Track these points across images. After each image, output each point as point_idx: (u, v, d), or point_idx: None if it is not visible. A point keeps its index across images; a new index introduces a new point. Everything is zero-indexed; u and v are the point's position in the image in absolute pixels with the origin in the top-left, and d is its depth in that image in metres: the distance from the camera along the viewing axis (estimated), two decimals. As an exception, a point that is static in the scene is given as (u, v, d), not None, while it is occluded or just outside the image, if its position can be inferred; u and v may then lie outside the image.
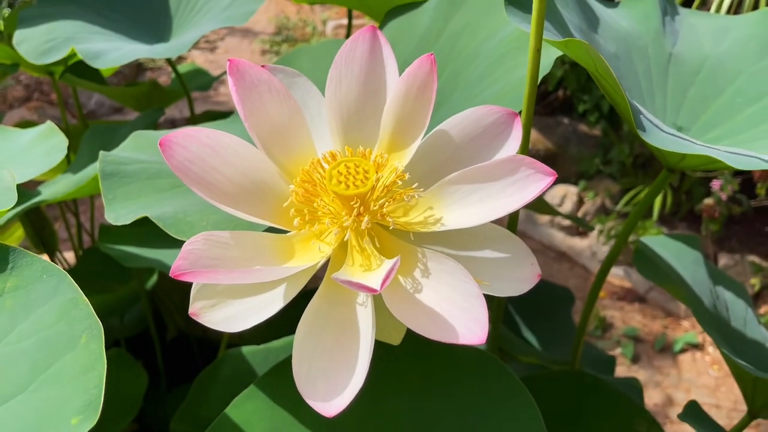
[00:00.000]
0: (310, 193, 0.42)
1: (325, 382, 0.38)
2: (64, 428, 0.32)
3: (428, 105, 0.42)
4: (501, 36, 0.62)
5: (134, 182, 0.59)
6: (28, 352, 0.36)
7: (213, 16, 0.97)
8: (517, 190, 0.40)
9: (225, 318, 0.40)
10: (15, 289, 0.38)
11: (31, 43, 0.92)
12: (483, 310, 0.36)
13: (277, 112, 0.44)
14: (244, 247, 0.40)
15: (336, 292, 0.41)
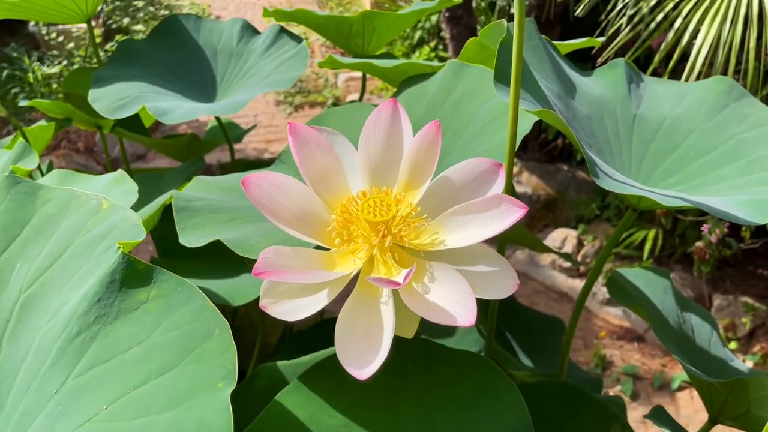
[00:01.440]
0: (347, 220, 0.57)
1: (358, 358, 0.52)
2: (213, 390, 0.46)
3: (434, 158, 0.58)
4: (492, 103, 0.78)
5: (200, 215, 0.74)
6: (175, 341, 0.50)
7: (258, 80, 1.14)
8: (500, 219, 0.54)
9: (284, 311, 0.54)
10: (157, 297, 0.53)
11: (104, 101, 1.08)
12: (473, 304, 0.50)
13: (322, 161, 0.60)
14: (300, 258, 0.55)
15: (365, 294, 0.55)
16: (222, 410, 0.45)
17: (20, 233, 0.64)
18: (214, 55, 1.26)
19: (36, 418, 0.52)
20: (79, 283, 0.58)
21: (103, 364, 0.51)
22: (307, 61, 1.12)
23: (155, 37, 1.28)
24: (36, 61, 4.56)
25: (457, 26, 3.15)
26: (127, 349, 0.51)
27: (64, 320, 0.55)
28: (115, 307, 0.53)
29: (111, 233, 0.61)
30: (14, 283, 0.61)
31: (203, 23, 1.32)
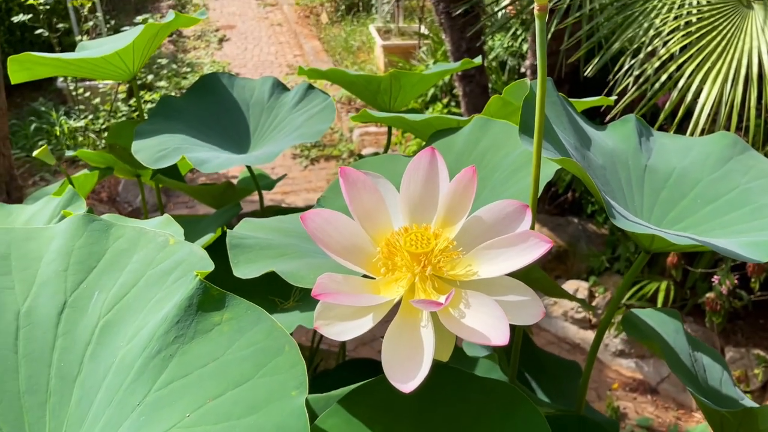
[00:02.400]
0: (391, 252, 0.64)
1: (402, 374, 0.58)
2: (287, 398, 0.52)
3: (470, 198, 0.65)
4: (516, 154, 0.86)
5: (252, 252, 0.81)
6: (249, 357, 0.57)
7: (288, 133, 1.23)
8: (529, 252, 0.62)
9: (335, 332, 0.61)
10: (230, 320, 0.60)
11: (147, 152, 1.17)
12: (506, 326, 0.57)
13: (368, 200, 0.68)
14: (350, 284, 0.62)
15: (407, 319, 0.62)
16: (299, 414, 0.51)
17: (96, 265, 0.72)
18: (248, 109, 1.36)
19: (119, 428, 0.59)
20: (156, 309, 0.65)
21: (183, 378, 0.58)
22: (333, 115, 1.21)
23: (193, 93, 1.38)
24: (63, 115, 4.73)
25: (469, 84, 3.28)
26: (205, 364, 0.58)
27: (144, 341, 0.62)
28: (192, 328, 0.61)
29: (180, 266, 0.69)
30: (93, 310, 0.68)
31: (237, 81, 1.43)
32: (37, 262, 0.72)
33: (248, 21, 8.29)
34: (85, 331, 0.67)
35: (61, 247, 0.73)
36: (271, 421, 0.52)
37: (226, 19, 8.19)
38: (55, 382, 0.65)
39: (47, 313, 0.68)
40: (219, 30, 7.78)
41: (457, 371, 0.79)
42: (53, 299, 0.69)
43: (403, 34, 6.34)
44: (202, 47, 7.09)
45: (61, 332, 0.67)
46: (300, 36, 7.45)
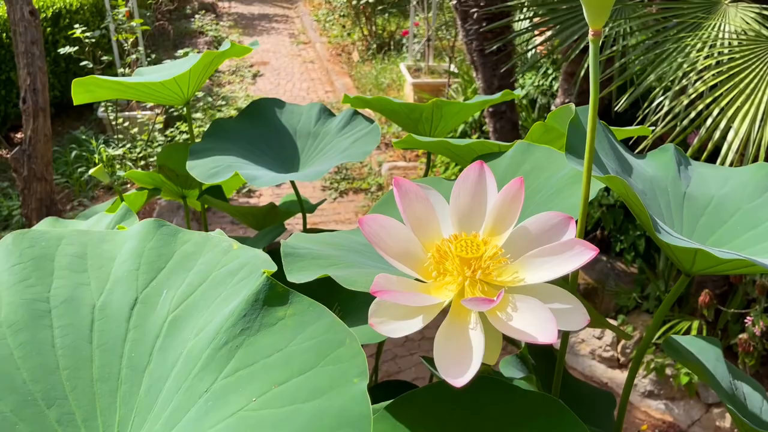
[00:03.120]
0: (442, 257, 0.69)
1: (453, 372, 0.62)
2: (350, 384, 0.56)
3: (518, 208, 0.70)
4: (559, 176, 0.91)
5: (304, 260, 0.86)
6: (312, 348, 0.60)
7: (334, 154, 1.29)
8: (575, 260, 0.65)
9: (388, 330, 0.65)
10: (293, 315, 0.64)
11: (200, 168, 1.24)
12: (554, 327, 0.61)
13: (420, 209, 0.72)
14: (403, 285, 0.66)
15: (456, 321, 0.66)
16: (361, 399, 0.55)
17: (165, 266, 0.77)
18: (295, 133, 1.43)
19: (187, 412, 0.63)
20: (222, 305, 0.70)
21: (249, 367, 0.62)
22: (378, 138, 1.27)
23: (244, 116, 1.45)
24: (102, 144, 4.89)
25: (500, 120, 3.34)
26: (270, 354, 0.62)
27: (211, 334, 0.67)
28: (258, 322, 0.65)
29: (244, 268, 0.74)
30: (162, 306, 0.73)
31: (286, 106, 1.50)
32: (111, 262, 0.78)
33: (281, 58, 8.51)
34: (154, 325, 0.72)
35: (133, 249, 0.78)
36: (335, 405, 0.56)
37: (260, 55, 8.42)
38: (126, 372, 0.69)
39: (120, 308, 0.73)
40: (253, 66, 8.00)
41: (501, 382, 0.82)
42: (125, 295, 0.74)
43: (433, 73, 6.46)
44: (237, 82, 7.29)
45: (132, 326, 0.72)
46: (331, 73, 7.62)
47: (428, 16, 6.55)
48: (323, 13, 10.07)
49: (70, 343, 0.71)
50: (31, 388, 0.67)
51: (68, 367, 0.69)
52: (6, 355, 0.69)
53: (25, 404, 0.66)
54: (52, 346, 0.70)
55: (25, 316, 0.71)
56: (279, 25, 10.14)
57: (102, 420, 0.67)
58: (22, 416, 0.66)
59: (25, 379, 0.68)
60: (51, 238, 0.78)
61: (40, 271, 0.75)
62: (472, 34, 3.18)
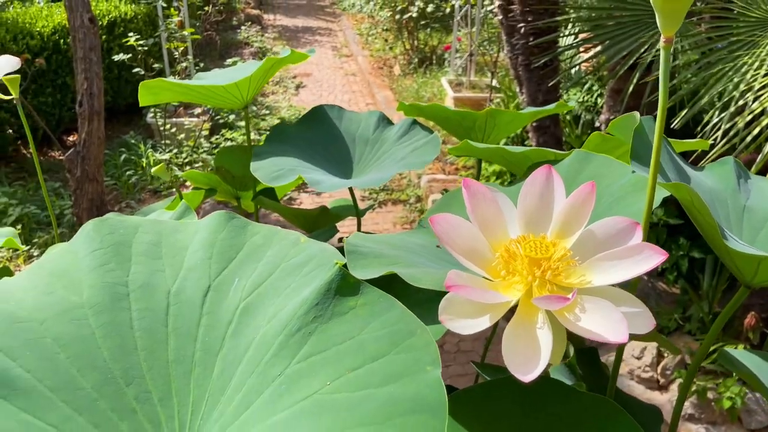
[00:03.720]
0: (510, 257, 0.70)
1: (522, 369, 0.63)
2: (423, 371, 0.58)
3: (588, 211, 0.71)
4: (619, 184, 0.91)
5: (367, 258, 0.88)
6: (384, 337, 0.62)
7: (392, 163, 1.31)
8: (642, 263, 0.66)
9: (457, 327, 0.67)
10: (364, 305, 0.66)
11: (264, 171, 1.28)
12: (624, 327, 0.61)
13: (488, 210, 0.74)
14: (474, 283, 0.68)
15: (523, 320, 0.67)
16: (436, 385, 0.56)
17: (236, 256, 0.80)
18: (353, 140, 1.46)
19: (261, 395, 0.65)
20: (293, 294, 0.72)
21: (322, 353, 0.65)
22: (438, 148, 1.29)
23: (304, 122, 1.49)
24: (150, 148, 5.02)
25: (543, 135, 3.33)
26: (342, 342, 0.65)
27: (284, 321, 0.69)
28: (330, 310, 0.67)
29: (313, 260, 0.76)
30: (234, 294, 0.76)
31: (345, 113, 1.53)
32: (184, 251, 0.81)
33: (324, 70, 8.63)
34: (227, 311, 0.75)
35: (205, 239, 0.82)
36: (410, 390, 0.57)
37: (303, 67, 8.55)
38: (200, 355, 0.72)
39: (193, 295, 0.76)
40: (296, 77, 8.12)
41: (557, 382, 0.83)
42: (199, 283, 0.77)
43: (474, 87, 6.48)
44: (280, 92, 7.41)
45: (206, 311, 0.75)
46: (373, 86, 7.70)
47: (471, 31, 6.58)
48: (366, 27, 10.19)
49: (147, 325, 0.74)
50: (111, 367, 0.71)
51: (145, 348, 0.73)
52: (88, 335, 0.72)
53: (105, 381, 0.70)
54: (131, 327, 0.74)
55: (105, 298, 0.75)
56: (322, 38, 10.28)
57: (177, 400, 0.70)
58: (103, 393, 0.69)
59: (105, 358, 0.71)
60: (129, 226, 0.82)
61: (119, 256, 0.79)
62: (518, 49, 3.19)
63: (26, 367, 0.68)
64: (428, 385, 0.57)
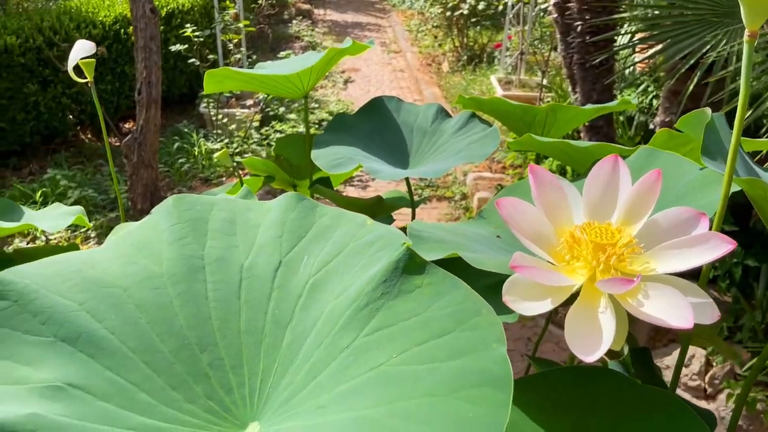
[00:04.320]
0: (575, 242, 0.71)
1: (583, 350, 0.65)
2: (489, 348, 0.60)
3: (653, 199, 0.72)
4: (685, 180, 0.91)
5: (429, 243, 0.90)
6: (449, 315, 0.65)
7: (450, 155, 1.33)
8: (708, 253, 0.67)
9: (521, 308, 0.69)
10: (430, 284, 0.69)
11: (324, 159, 1.31)
12: (690, 313, 0.62)
13: (553, 196, 0.75)
14: (539, 265, 0.69)
15: (586, 304, 0.69)
16: (502, 361, 0.58)
17: (305, 235, 0.83)
18: (410, 131, 1.49)
19: (328, 365, 0.68)
20: (360, 272, 0.75)
21: (389, 328, 0.67)
22: (497, 141, 1.30)
23: (363, 113, 1.52)
24: (202, 138, 5.14)
25: (596, 135, 3.30)
26: (408, 318, 0.67)
27: (351, 296, 0.72)
28: (397, 288, 0.70)
29: (379, 240, 0.79)
30: (303, 270, 0.79)
31: (403, 105, 1.56)
32: (256, 229, 0.85)
33: (372, 65, 8.67)
34: (297, 286, 0.78)
35: (276, 218, 0.85)
36: (475, 365, 0.59)
37: (351, 62, 8.61)
38: (270, 327, 0.76)
39: (265, 270, 0.80)
40: (345, 72, 8.18)
41: (620, 374, 0.84)
42: (270, 258, 0.81)
43: (524, 86, 6.43)
44: (329, 86, 7.48)
45: (276, 285, 0.79)
46: (420, 82, 7.70)
47: (523, 29, 6.53)
48: (415, 24, 10.19)
49: (221, 297, 0.78)
50: (187, 334, 0.75)
51: (219, 318, 0.76)
52: (167, 303, 0.76)
53: (181, 347, 0.74)
54: (206, 298, 0.78)
55: (183, 269, 0.79)
56: (371, 34, 10.33)
57: (248, 368, 0.73)
58: (179, 357, 0.73)
59: (182, 325, 0.75)
60: (205, 203, 0.86)
61: (196, 231, 0.83)
62: (573, 47, 3.17)
63: (111, 329, 0.72)
64: (494, 360, 0.59)
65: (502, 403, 0.56)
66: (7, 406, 0.62)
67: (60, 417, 0.63)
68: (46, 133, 4.96)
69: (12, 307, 0.70)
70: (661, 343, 3.63)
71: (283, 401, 0.69)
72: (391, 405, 0.59)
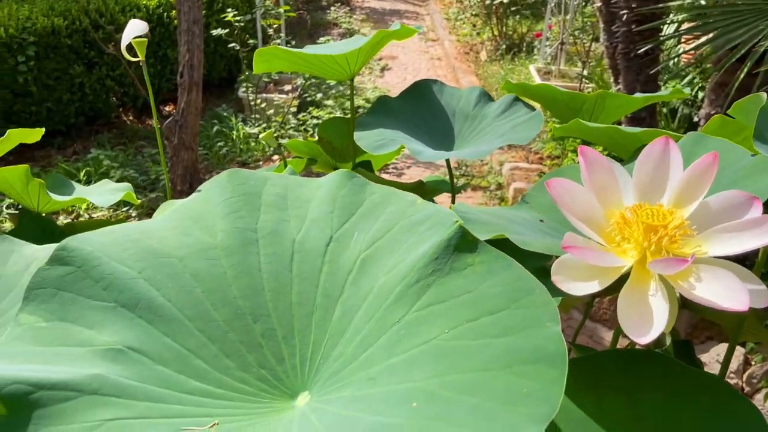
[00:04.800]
0: (625, 223, 0.71)
1: (636, 331, 0.65)
2: (542, 327, 0.60)
3: (708, 183, 0.71)
4: (737, 167, 0.90)
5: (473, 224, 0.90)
6: (502, 293, 0.65)
7: (493, 138, 1.33)
8: (763, 235, 0.66)
9: (569, 288, 0.69)
10: (482, 263, 0.69)
11: (367, 140, 1.32)
12: (745, 296, 0.62)
13: (603, 177, 0.75)
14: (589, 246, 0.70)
15: (636, 287, 0.69)
16: (557, 339, 0.59)
17: (356, 212, 0.85)
18: (453, 115, 1.49)
19: (379, 339, 0.70)
20: (411, 249, 0.76)
21: (440, 304, 0.68)
22: (540, 124, 1.29)
23: (405, 96, 1.53)
24: (240, 122, 5.20)
25: (639, 127, 3.24)
26: (459, 295, 0.68)
27: (402, 272, 0.73)
28: (448, 265, 0.71)
29: (430, 219, 0.80)
30: (354, 246, 0.81)
31: (445, 88, 1.56)
32: (308, 204, 0.87)
33: (409, 53, 8.64)
34: (347, 261, 0.79)
35: (327, 194, 0.87)
36: (529, 342, 0.60)
37: (389, 50, 8.59)
38: (321, 300, 0.77)
39: (316, 244, 0.82)
40: (382, 59, 8.17)
41: (669, 358, 0.83)
42: (321, 233, 0.83)
43: (564, 76, 6.35)
44: (366, 73, 7.48)
45: (327, 260, 0.80)
46: (458, 71, 7.66)
47: (564, 18, 6.43)
48: (454, 12, 10.12)
49: (274, 269, 0.80)
50: (241, 304, 0.77)
51: (271, 289, 0.78)
52: (221, 274, 0.79)
53: (235, 317, 0.76)
54: (259, 270, 0.80)
55: (236, 242, 0.81)
56: (409, 21, 10.29)
57: (299, 339, 0.75)
58: (233, 326, 0.75)
59: (235, 296, 0.77)
60: (258, 179, 0.88)
61: (250, 205, 0.85)
62: (617, 37, 3.12)
63: (168, 297, 0.75)
64: (548, 338, 0.60)
65: (556, 380, 0.56)
66: (72, 367, 0.65)
67: (121, 378, 0.66)
68: (90, 114, 5.07)
69: (76, 273, 0.73)
70: (698, 340, 3.57)
71: (334, 372, 0.71)
72: (443, 377, 0.60)
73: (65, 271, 0.73)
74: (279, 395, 0.71)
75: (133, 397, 0.64)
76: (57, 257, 0.73)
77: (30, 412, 0.58)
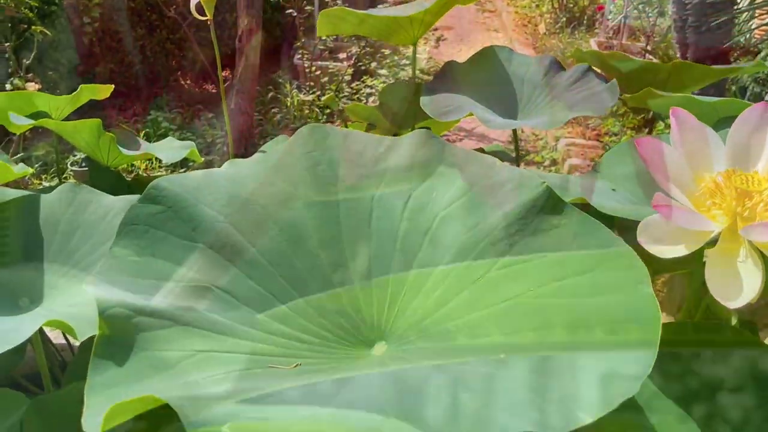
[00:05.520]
0: (717, 188, 0.70)
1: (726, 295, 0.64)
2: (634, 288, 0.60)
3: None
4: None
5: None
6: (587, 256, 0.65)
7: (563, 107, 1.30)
8: None
9: (655, 249, 0.68)
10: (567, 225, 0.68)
11: (434, 106, 1.31)
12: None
13: (695, 140, 0.74)
14: (679, 207, 0.69)
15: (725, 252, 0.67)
16: (649, 300, 0.58)
17: (435, 171, 0.85)
18: (521, 83, 1.46)
19: (458, 294, 0.70)
20: (493, 210, 0.76)
21: (524, 263, 0.68)
22: (617, 95, 1.26)
23: (473, 62, 1.51)
24: (295, 89, 5.23)
25: (705, 104, 3.14)
26: (544, 255, 0.68)
27: (485, 231, 0.74)
28: (533, 226, 0.71)
29: (511, 181, 0.79)
30: (433, 205, 0.81)
31: (514, 56, 1.53)
32: (386, 161, 0.86)
33: (466, 25, 8.50)
34: (426, 219, 0.80)
35: (406, 153, 0.87)
36: (620, 302, 0.60)
37: (444, 21, 8.44)
38: (398, 255, 0.78)
39: (394, 202, 0.82)
40: (437, 30, 8.07)
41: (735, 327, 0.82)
42: (400, 192, 0.83)
43: (626, 52, 6.16)
44: (421, 44, 7.41)
45: (405, 218, 0.81)
46: (515, 43, 7.50)
47: (628, -9, 6.22)
48: (512, -17, 9.88)
49: (353, 223, 0.81)
50: (320, 254, 0.79)
51: (350, 242, 0.80)
52: (302, 224, 0.80)
53: (314, 266, 0.78)
54: (338, 223, 0.81)
55: (317, 194, 0.83)
56: (465, -8, 10.10)
57: (376, 291, 0.77)
58: (312, 275, 0.77)
59: (315, 246, 0.79)
60: (338, 135, 0.89)
61: (330, 159, 0.86)
62: (688, 9, 3.00)
63: (252, 242, 0.77)
64: (641, 298, 0.59)
65: (649, 341, 0.56)
66: (167, 298, 0.67)
67: (210, 314, 0.68)
68: (149, 76, 5.17)
69: (167, 212, 0.76)
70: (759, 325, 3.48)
71: (411, 325, 0.72)
72: (530, 333, 0.61)
73: (156, 209, 0.75)
74: (356, 343, 0.73)
75: (221, 333, 0.66)
76: (149, 196, 0.75)
77: (131, 334, 0.61)
